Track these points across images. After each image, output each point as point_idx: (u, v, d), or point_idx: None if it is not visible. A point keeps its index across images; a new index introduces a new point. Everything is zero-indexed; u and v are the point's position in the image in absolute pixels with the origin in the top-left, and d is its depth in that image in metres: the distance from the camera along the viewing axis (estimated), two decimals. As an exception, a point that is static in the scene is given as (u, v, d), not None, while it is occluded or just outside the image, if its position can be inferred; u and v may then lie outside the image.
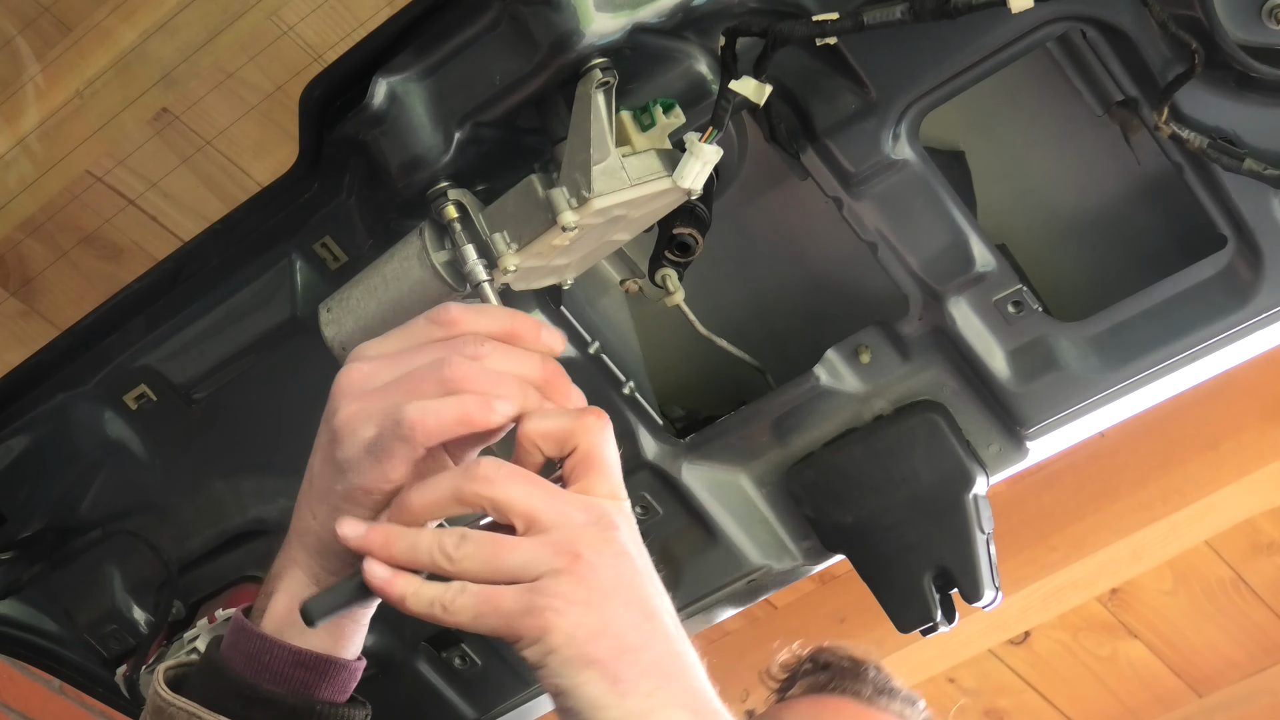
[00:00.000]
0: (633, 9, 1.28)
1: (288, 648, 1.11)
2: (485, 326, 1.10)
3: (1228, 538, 3.16)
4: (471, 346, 1.08)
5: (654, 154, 1.28)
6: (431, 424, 1.05)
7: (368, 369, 1.10)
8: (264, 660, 1.11)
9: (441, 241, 1.32)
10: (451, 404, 1.05)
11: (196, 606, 1.70)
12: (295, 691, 1.11)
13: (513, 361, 1.09)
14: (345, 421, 1.08)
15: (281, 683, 1.11)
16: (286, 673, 1.11)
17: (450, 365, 1.06)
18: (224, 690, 1.11)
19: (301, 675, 1.11)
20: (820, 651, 1.81)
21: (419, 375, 1.07)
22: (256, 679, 1.11)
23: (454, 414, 1.05)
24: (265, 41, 2.19)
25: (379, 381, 1.08)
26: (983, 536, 1.53)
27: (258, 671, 1.11)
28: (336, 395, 1.09)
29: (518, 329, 1.11)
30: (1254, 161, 1.30)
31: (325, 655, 1.12)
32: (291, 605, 1.11)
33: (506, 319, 1.11)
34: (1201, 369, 1.47)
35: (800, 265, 1.55)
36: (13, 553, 1.69)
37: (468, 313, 1.11)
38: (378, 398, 1.07)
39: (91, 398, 1.60)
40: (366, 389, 1.08)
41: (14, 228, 2.38)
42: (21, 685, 2.88)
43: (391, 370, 1.09)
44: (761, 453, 1.58)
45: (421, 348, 1.09)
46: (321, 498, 1.10)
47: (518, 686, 1.75)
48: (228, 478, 1.64)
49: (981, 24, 1.30)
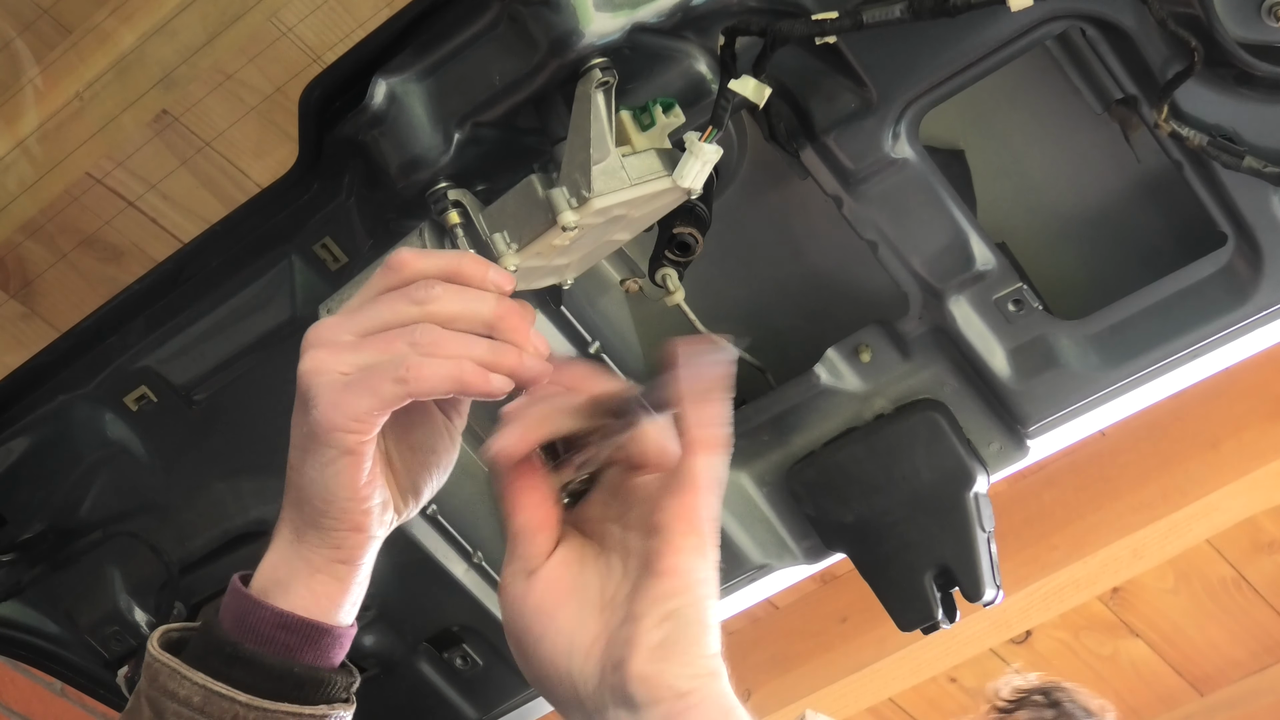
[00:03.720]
0: (632, 9, 1.28)
1: (271, 609, 1.12)
2: (434, 267, 1.11)
3: (1229, 536, 3.16)
4: (422, 290, 1.10)
5: (654, 153, 1.28)
6: (428, 374, 1.07)
7: (334, 321, 1.11)
8: (248, 621, 1.12)
9: (441, 241, 1.32)
10: (450, 365, 1.07)
11: (197, 608, 1.70)
12: (276, 653, 1.11)
13: (465, 301, 1.10)
14: (315, 365, 1.09)
15: (263, 643, 1.11)
16: (269, 634, 1.12)
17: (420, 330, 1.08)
18: (209, 649, 1.12)
19: (283, 637, 1.12)
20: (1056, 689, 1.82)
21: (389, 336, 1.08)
22: (240, 638, 1.11)
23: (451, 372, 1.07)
24: (264, 43, 2.19)
25: (348, 331, 1.10)
26: (984, 535, 1.52)
27: (243, 632, 1.12)
28: (306, 345, 1.11)
29: (464, 269, 1.12)
30: (1254, 159, 1.30)
31: (309, 619, 1.12)
32: (277, 561, 1.13)
33: (454, 260, 1.13)
34: (1202, 367, 1.47)
35: (800, 264, 1.55)
36: (13, 555, 1.69)
37: (416, 256, 1.12)
38: (349, 349, 1.09)
39: (92, 399, 1.60)
40: (335, 339, 1.10)
41: (14, 230, 2.38)
42: (23, 687, 2.88)
43: (357, 321, 1.10)
44: (762, 452, 1.58)
45: (379, 298, 1.11)
46: (296, 445, 1.12)
47: (519, 686, 1.75)
48: (228, 479, 1.64)
49: (981, 22, 1.30)
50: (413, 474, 1.15)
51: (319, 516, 1.11)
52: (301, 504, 1.12)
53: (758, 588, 1.66)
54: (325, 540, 1.12)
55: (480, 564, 1.69)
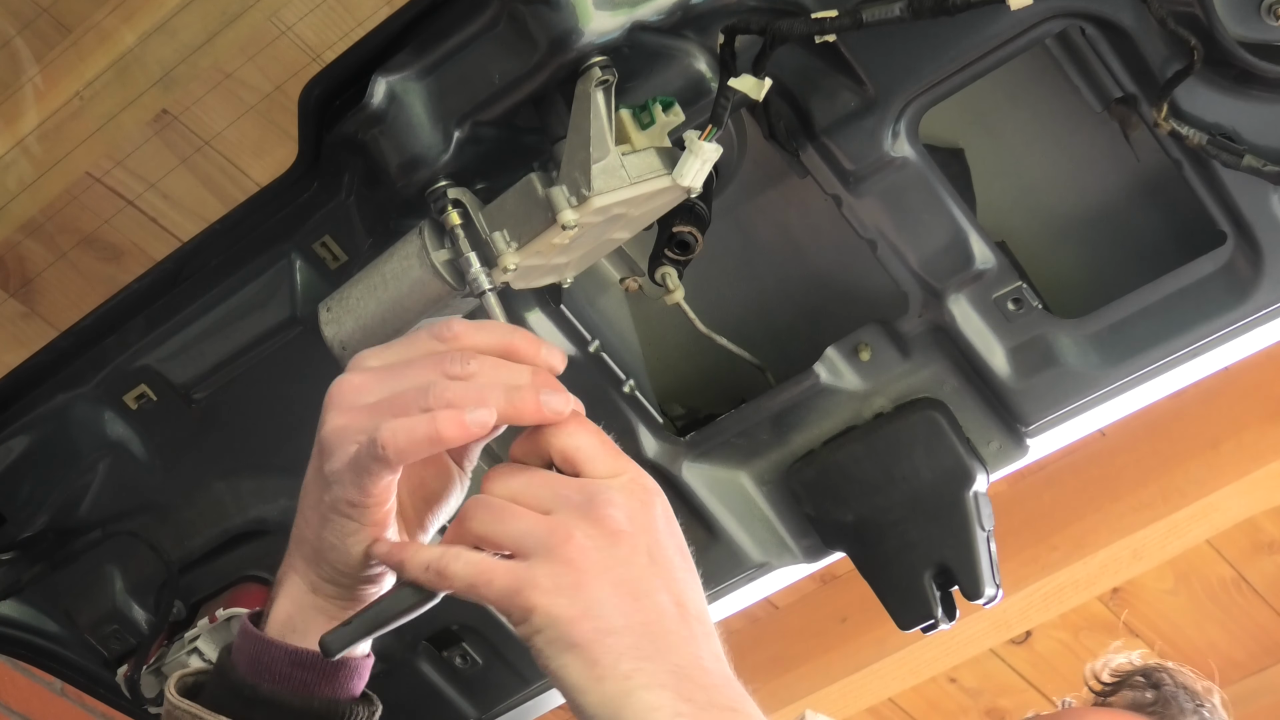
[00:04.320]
0: (632, 7, 1.28)
1: (285, 648, 1.12)
2: (484, 342, 1.10)
3: (1229, 537, 3.16)
4: (459, 364, 1.08)
5: (653, 152, 1.28)
6: (403, 442, 1.05)
7: (359, 381, 1.10)
8: (264, 661, 1.12)
9: (441, 241, 1.32)
10: (423, 421, 1.05)
11: (197, 606, 1.70)
12: (295, 691, 1.12)
13: (501, 374, 1.09)
14: (330, 435, 1.09)
15: (281, 682, 1.12)
16: (286, 672, 1.12)
17: (435, 389, 1.07)
18: (228, 693, 1.13)
19: (300, 674, 1.12)
20: (1156, 670, 1.79)
21: (405, 396, 1.07)
22: (257, 680, 1.12)
23: (425, 432, 1.05)
24: (264, 42, 2.19)
25: (368, 396, 1.09)
26: (983, 534, 1.52)
27: (259, 673, 1.12)
28: (327, 406, 1.10)
29: (516, 345, 1.11)
30: (1253, 158, 1.30)
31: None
32: (291, 610, 1.13)
33: (506, 335, 1.12)
34: (1201, 366, 1.47)
35: (800, 263, 1.55)
36: (13, 553, 1.69)
37: (470, 329, 1.11)
38: (363, 414, 1.08)
39: (91, 398, 1.60)
40: (355, 403, 1.09)
41: (14, 229, 2.38)
42: (23, 686, 2.88)
43: (382, 385, 1.09)
44: (762, 451, 1.58)
45: (415, 362, 1.10)
46: (313, 507, 1.11)
47: (518, 686, 1.75)
48: (228, 478, 1.64)
49: (980, 21, 1.30)
50: (422, 516, 1.15)
51: (338, 575, 1.12)
52: (318, 563, 1.12)
53: (757, 587, 1.66)
54: (342, 594, 1.13)
55: (480, 563, 1.69)
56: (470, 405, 1.06)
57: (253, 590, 1.68)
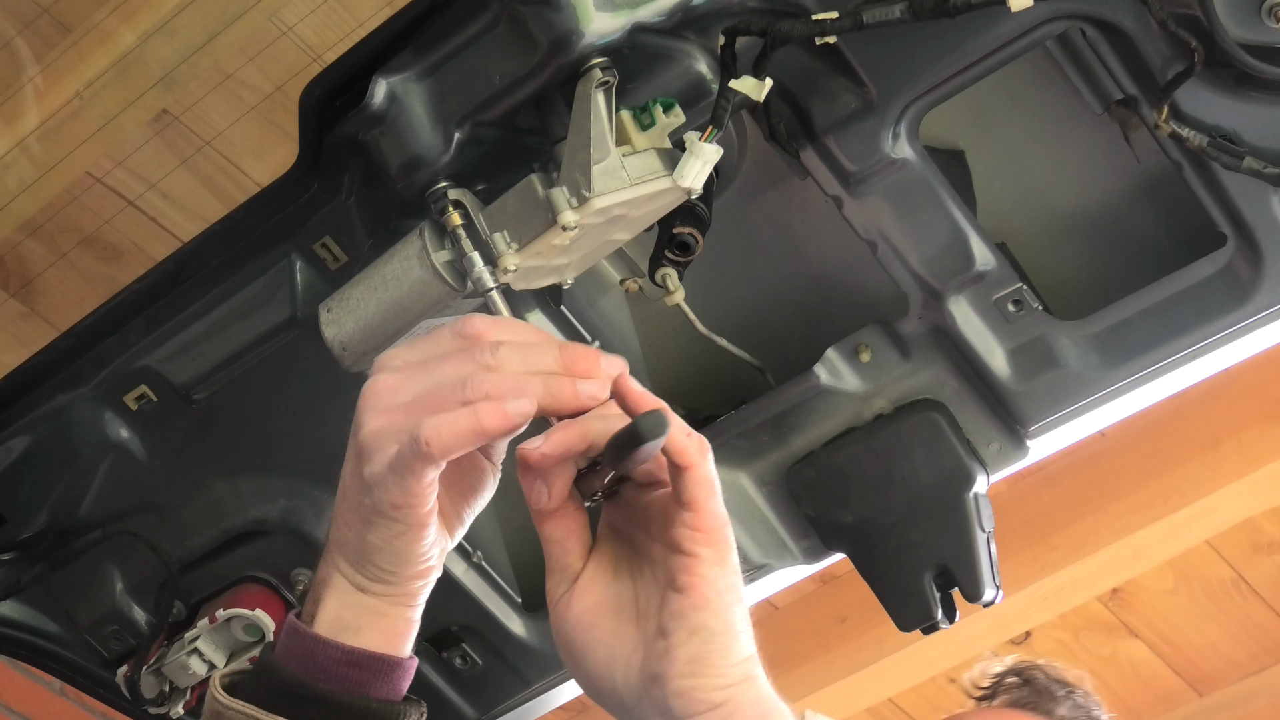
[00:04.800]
0: (632, 8, 1.28)
1: (340, 646, 1.11)
2: (507, 338, 1.10)
3: (1228, 537, 3.16)
4: (487, 353, 1.08)
5: (654, 153, 1.28)
6: (447, 437, 1.05)
7: (391, 381, 1.09)
8: (317, 660, 1.11)
9: (442, 241, 1.32)
10: (465, 415, 1.05)
11: (197, 607, 1.70)
12: (349, 690, 1.11)
13: (529, 357, 1.09)
14: (369, 437, 1.08)
15: (335, 682, 1.11)
16: (339, 672, 1.11)
17: (473, 381, 1.06)
18: (278, 692, 1.12)
19: (355, 674, 1.12)
20: (1028, 668, 1.88)
21: (442, 391, 1.07)
22: (311, 678, 1.11)
23: (469, 425, 1.05)
24: (264, 42, 2.19)
25: (403, 395, 1.08)
26: (983, 535, 1.53)
27: (311, 671, 1.11)
28: (362, 409, 1.09)
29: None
30: (1253, 160, 1.30)
31: (378, 653, 1.12)
32: (342, 610, 1.12)
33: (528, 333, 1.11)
34: (1201, 367, 1.47)
35: (800, 264, 1.55)
36: (13, 553, 1.69)
37: (492, 325, 1.11)
38: (401, 414, 1.07)
39: (92, 398, 1.61)
40: (391, 404, 1.08)
41: (14, 229, 2.38)
42: (22, 686, 2.88)
43: (415, 383, 1.08)
44: (762, 452, 1.58)
45: (445, 357, 1.09)
46: (354, 510, 1.10)
47: (518, 686, 1.75)
48: (228, 478, 1.65)
49: (981, 23, 1.30)
50: (459, 508, 1.15)
51: (385, 575, 1.11)
52: (363, 565, 1.12)
53: (757, 588, 1.66)
54: (391, 591, 1.12)
55: (480, 563, 1.69)
56: (509, 396, 1.06)
57: (253, 590, 1.68)
